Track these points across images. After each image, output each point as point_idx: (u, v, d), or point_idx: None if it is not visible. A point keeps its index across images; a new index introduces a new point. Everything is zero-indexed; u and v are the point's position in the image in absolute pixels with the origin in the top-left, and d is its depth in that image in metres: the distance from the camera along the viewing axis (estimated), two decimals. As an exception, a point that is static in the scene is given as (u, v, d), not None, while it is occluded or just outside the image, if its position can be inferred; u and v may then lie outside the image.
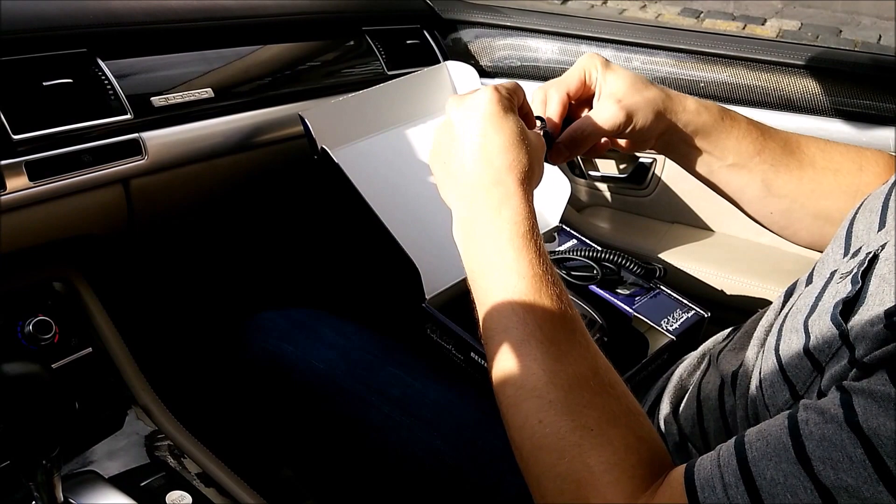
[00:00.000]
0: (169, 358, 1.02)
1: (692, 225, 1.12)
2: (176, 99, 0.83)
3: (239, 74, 0.92)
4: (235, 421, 0.97)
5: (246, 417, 0.95)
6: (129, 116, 0.78)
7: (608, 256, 0.91)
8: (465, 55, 1.16)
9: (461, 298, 0.85)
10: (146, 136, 0.80)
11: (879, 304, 0.46)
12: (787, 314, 0.59)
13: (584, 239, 0.98)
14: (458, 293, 0.86)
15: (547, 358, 0.52)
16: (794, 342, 0.53)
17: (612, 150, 0.75)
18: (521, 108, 0.65)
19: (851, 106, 0.95)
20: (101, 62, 0.78)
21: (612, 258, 0.90)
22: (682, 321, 0.85)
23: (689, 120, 0.71)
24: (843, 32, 3.68)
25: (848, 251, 0.59)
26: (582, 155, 0.74)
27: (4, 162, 0.69)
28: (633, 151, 0.74)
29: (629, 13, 3.91)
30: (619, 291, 0.89)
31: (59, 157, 0.73)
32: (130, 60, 0.82)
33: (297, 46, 1.00)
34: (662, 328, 0.84)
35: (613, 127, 0.69)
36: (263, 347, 0.86)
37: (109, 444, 0.78)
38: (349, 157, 0.85)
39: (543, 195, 0.96)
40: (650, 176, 1.11)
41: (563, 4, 3.60)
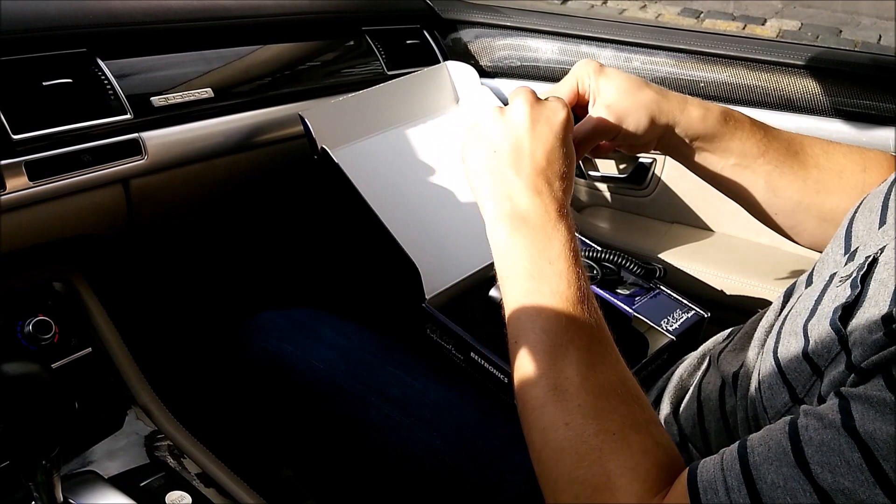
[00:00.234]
0: (169, 358, 1.02)
1: (692, 225, 1.12)
2: (176, 99, 0.83)
3: (239, 74, 0.92)
4: (235, 421, 0.97)
5: (246, 417, 0.95)
6: (128, 116, 0.78)
7: (608, 256, 0.91)
8: (465, 55, 1.16)
9: (461, 298, 0.85)
10: (146, 135, 0.80)
11: (877, 308, 0.47)
12: (786, 316, 0.59)
13: (584, 239, 0.98)
14: (458, 293, 0.86)
15: (581, 364, 0.54)
16: (792, 345, 0.54)
17: (613, 150, 0.75)
18: None
19: (851, 106, 0.95)
20: (100, 62, 0.78)
21: (611, 258, 0.90)
22: (681, 321, 0.85)
23: (689, 124, 0.71)
24: (843, 32, 3.69)
25: (848, 251, 0.59)
26: (581, 157, 0.75)
27: (4, 162, 0.69)
28: (635, 153, 0.74)
29: (629, 13, 3.91)
30: (618, 291, 0.89)
31: (58, 157, 0.73)
32: (130, 60, 0.82)
33: (296, 46, 1.00)
34: (662, 328, 0.84)
35: (604, 132, 0.70)
36: (263, 347, 0.86)
37: (109, 444, 0.78)
38: (349, 156, 0.85)
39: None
40: (650, 176, 1.11)
41: (563, 4, 3.60)
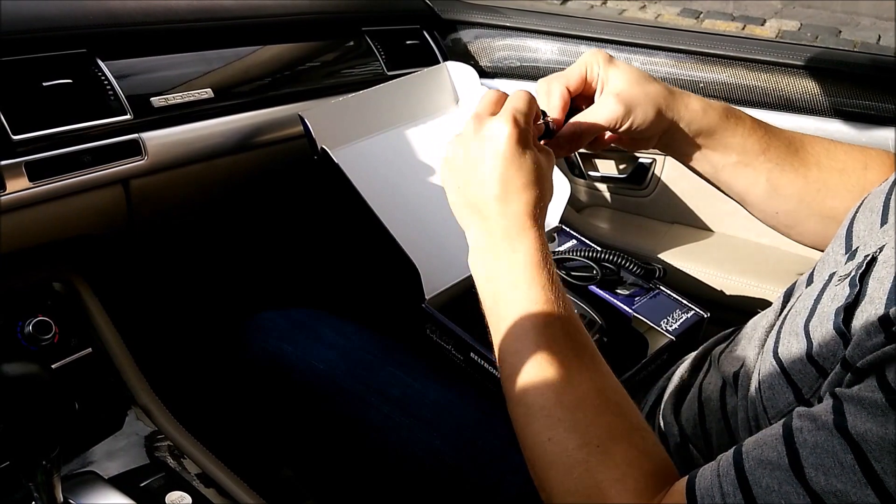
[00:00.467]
0: (169, 358, 1.02)
1: (692, 225, 1.12)
2: (176, 99, 0.83)
3: (239, 75, 0.92)
4: (235, 421, 0.97)
5: (246, 418, 0.95)
6: (128, 117, 0.78)
7: (608, 257, 0.91)
8: (464, 55, 1.16)
9: (461, 299, 0.85)
10: (146, 136, 0.80)
11: (875, 307, 0.47)
12: (786, 316, 0.59)
13: (583, 239, 0.98)
14: (457, 293, 0.86)
15: (556, 379, 0.55)
16: (794, 346, 0.54)
17: (613, 150, 0.75)
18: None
19: (851, 106, 0.95)
20: (100, 62, 0.78)
21: (611, 258, 0.90)
22: (681, 321, 0.85)
23: (692, 119, 0.70)
24: (842, 33, 3.69)
25: (848, 251, 0.59)
26: (585, 149, 0.74)
27: (4, 162, 0.69)
28: (635, 149, 0.73)
29: (629, 13, 3.91)
30: (618, 292, 0.89)
31: (58, 157, 0.73)
32: (130, 61, 0.82)
33: (296, 47, 1.00)
34: (662, 328, 0.84)
35: (612, 121, 0.69)
36: (263, 347, 0.86)
37: (109, 444, 0.77)
38: (349, 157, 0.85)
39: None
40: (650, 176, 1.11)
41: (562, 5, 3.60)
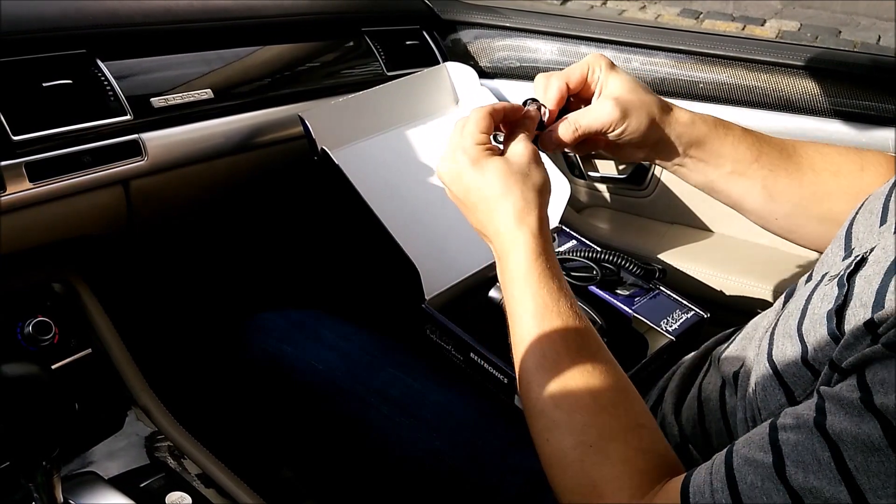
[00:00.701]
0: (169, 359, 1.02)
1: (691, 226, 1.12)
2: (176, 100, 0.83)
3: (239, 75, 0.92)
4: (235, 422, 0.97)
5: (246, 418, 0.95)
6: (128, 117, 0.78)
7: (608, 257, 0.91)
8: (464, 56, 1.16)
9: (461, 299, 0.85)
10: (146, 136, 0.80)
11: (861, 307, 0.48)
12: (780, 317, 0.59)
13: (583, 240, 0.98)
14: (457, 294, 0.86)
15: (553, 383, 0.57)
16: (788, 349, 0.54)
17: (605, 157, 0.75)
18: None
19: (850, 107, 0.95)
20: (100, 63, 0.78)
21: (611, 259, 0.90)
22: (681, 322, 0.85)
23: (682, 131, 0.71)
24: (842, 33, 3.69)
25: (848, 252, 0.60)
26: (574, 150, 0.75)
27: (4, 163, 0.69)
28: (623, 159, 0.75)
29: (628, 14, 3.91)
30: (618, 292, 0.89)
31: (58, 158, 0.73)
32: (130, 61, 0.82)
33: (296, 47, 1.00)
34: (662, 329, 0.84)
35: (608, 123, 0.70)
36: (263, 348, 0.86)
37: (109, 444, 0.78)
38: (349, 157, 0.85)
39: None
40: (649, 177, 1.11)
41: (562, 5, 3.60)
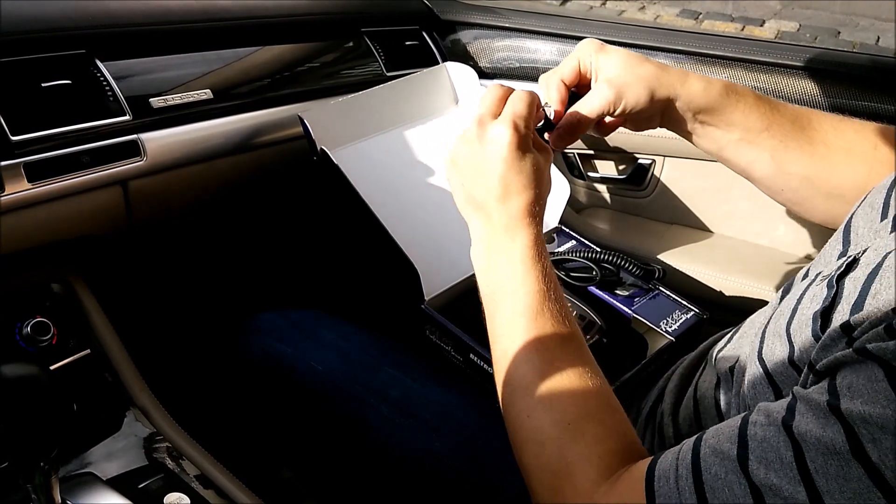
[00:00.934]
0: (167, 359, 1.01)
1: (691, 226, 1.12)
2: (175, 100, 0.83)
3: (238, 75, 0.92)
4: (234, 422, 0.97)
5: (245, 419, 0.95)
6: (127, 118, 0.78)
7: (607, 257, 0.91)
8: (464, 56, 1.16)
9: (460, 300, 0.85)
10: (145, 137, 0.80)
11: (846, 309, 0.47)
12: (773, 316, 0.59)
13: (583, 240, 0.98)
14: (457, 294, 0.86)
15: (540, 362, 0.57)
16: (777, 349, 0.54)
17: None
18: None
19: (849, 107, 0.94)
20: (99, 63, 0.78)
21: (611, 259, 0.90)
22: (681, 322, 0.85)
23: (691, 97, 0.70)
24: (841, 34, 3.69)
25: (845, 249, 0.59)
26: (594, 133, 0.75)
27: (3, 163, 0.69)
28: (640, 129, 0.74)
29: (628, 14, 3.92)
30: (618, 292, 0.89)
31: (57, 158, 0.73)
32: (129, 62, 0.82)
33: (296, 47, 1.00)
34: (661, 329, 0.84)
35: (605, 106, 0.69)
36: (262, 349, 0.86)
37: (108, 445, 0.77)
38: (348, 158, 0.85)
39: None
40: (649, 177, 1.11)
41: (561, 6, 3.60)
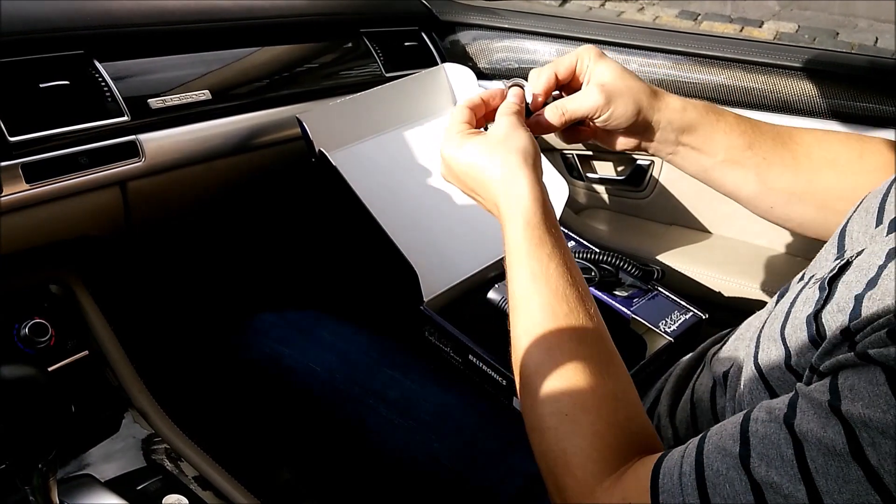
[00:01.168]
0: (166, 360, 1.01)
1: (690, 227, 1.12)
2: (173, 101, 0.83)
3: (236, 76, 0.92)
4: (233, 424, 0.96)
5: (243, 420, 0.95)
6: (126, 118, 0.78)
7: (606, 258, 0.91)
8: (462, 57, 1.16)
9: (459, 301, 0.85)
10: (143, 137, 0.80)
11: (838, 312, 0.48)
12: (768, 319, 0.59)
13: (581, 241, 0.98)
14: (456, 295, 0.86)
15: (539, 351, 0.57)
16: (772, 352, 0.55)
17: (612, 151, 0.75)
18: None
19: (848, 108, 0.95)
20: (98, 64, 0.78)
21: (609, 260, 0.90)
22: (680, 323, 0.85)
23: (672, 117, 0.71)
24: (840, 35, 3.69)
25: (840, 253, 0.59)
26: (564, 139, 0.76)
27: (1, 164, 0.69)
28: (619, 148, 0.74)
29: (627, 15, 3.92)
30: (617, 293, 0.89)
31: (55, 159, 0.73)
32: (128, 62, 0.82)
33: (294, 48, 1.00)
34: (661, 330, 0.84)
35: (592, 108, 0.70)
36: (261, 350, 0.85)
37: (106, 447, 0.77)
38: (347, 159, 0.85)
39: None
40: (648, 178, 1.11)
41: (560, 6, 3.60)
